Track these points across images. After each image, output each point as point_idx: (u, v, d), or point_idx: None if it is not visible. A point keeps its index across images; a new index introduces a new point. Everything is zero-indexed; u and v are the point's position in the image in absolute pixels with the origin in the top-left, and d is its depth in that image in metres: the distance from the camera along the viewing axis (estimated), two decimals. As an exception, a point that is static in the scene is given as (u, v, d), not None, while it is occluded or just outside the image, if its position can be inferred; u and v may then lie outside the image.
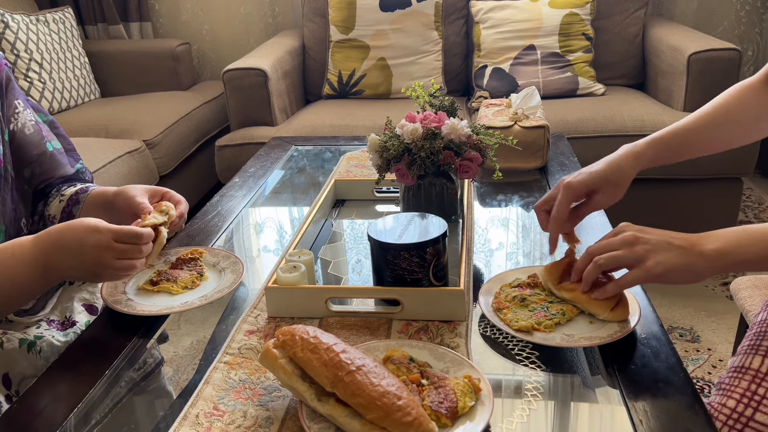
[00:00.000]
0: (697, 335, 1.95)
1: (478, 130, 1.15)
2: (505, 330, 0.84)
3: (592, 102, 2.36)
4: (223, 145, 2.34)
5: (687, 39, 2.32)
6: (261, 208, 1.35)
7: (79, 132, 2.43)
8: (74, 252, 0.86)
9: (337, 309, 0.91)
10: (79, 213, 1.06)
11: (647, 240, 0.79)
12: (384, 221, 0.95)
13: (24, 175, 1.06)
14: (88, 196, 1.08)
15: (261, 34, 3.21)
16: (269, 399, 0.75)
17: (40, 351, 0.93)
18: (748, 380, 0.85)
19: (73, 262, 0.86)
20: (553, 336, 0.82)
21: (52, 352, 0.94)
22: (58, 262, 0.86)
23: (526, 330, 0.83)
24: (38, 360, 0.92)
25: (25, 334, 0.93)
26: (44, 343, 0.94)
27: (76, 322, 1.01)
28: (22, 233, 1.04)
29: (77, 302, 1.04)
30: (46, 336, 0.95)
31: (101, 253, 0.85)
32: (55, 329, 0.98)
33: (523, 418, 0.71)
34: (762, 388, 0.84)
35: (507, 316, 0.86)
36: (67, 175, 1.11)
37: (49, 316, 1.00)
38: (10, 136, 1.02)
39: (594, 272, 0.82)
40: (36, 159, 1.06)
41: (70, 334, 0.98)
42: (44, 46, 2.60)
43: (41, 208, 1.10)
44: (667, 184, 2.23)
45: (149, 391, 0.80)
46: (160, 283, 0.98)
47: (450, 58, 2.73)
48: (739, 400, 0.84)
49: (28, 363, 0.92)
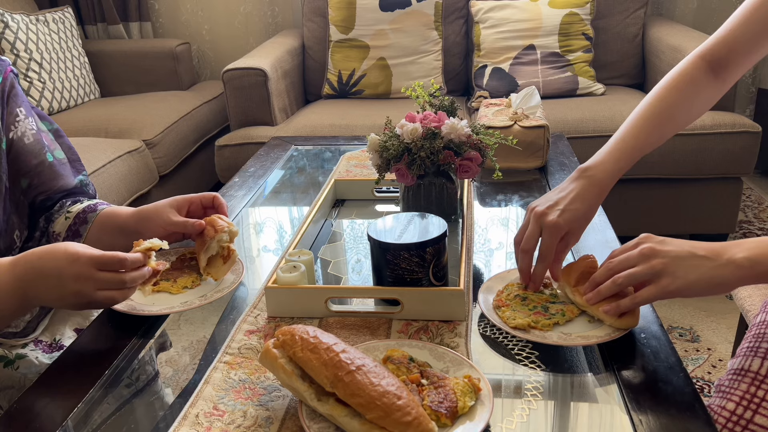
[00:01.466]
0: (697, 335, 1.95)
1: (477, 130, 1.15)
2: (502, 327, 0.84)
3: (592, 102, 2.36)
4: (223, 145, 2.34)
5: (687, 39, 2.33)
6: (261, 208, 1.35)
7: (78, 132, 2.43)
8: (53, 282, 0.80)
9: (336, 309, 0.91)
10: (87, 233, 1.02)
11: (666, 253, 0.75)
12: (384, 221, 0.95)
13: (21, 186, 1.02)
14: (98, 216, 1.04)
15: (261, 33, 3.21)
16: (269, 399, 0.75)
17: (17, 368, 0.92)
18: (748, 383, 0.85)
19: (52, 293, 0.81)
20: (549, 334, 0.82)
21: (30, 371, 0.93)
22: (37, 291, 0.81)
23: (522, 328, 0.83)
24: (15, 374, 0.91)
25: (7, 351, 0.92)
26: (23, 363, 0.93)
27: (64, 346, 0.99)
28: (15, 246, 1.01)
29: (69, 327, 1.03)
30: (29, 356, 0.93)
31: (82, 284, 0.80)
32: (40, 350, 0.96)
33: (523, 417, 0.71)
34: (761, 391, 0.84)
35: (505, 314, 0.86)
36: (67, 188, 1.07)
37: (40, 338, 0.98)
38: (8, 145, 0.99)
39: (611, 290, 0.80)
40: (34, 169, 1.02)
41: (54, 357, 0.95)
42: (44, 45, 2.60)
43: (43, 224, 1.06)
44: (666, 183, 2.23)
45: (149, 391, 0.80)
46: (160, 283, 0.98)
47: (450, 58, 2.73)
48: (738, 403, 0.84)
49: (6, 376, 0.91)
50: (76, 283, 0.80)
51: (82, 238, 1.02)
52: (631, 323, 0.81)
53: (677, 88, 0.96)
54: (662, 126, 0.95)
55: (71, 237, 1.02)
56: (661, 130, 0.95)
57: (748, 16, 0.92)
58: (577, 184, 0.90)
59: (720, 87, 0.98)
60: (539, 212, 0.89)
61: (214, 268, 0.98)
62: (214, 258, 0.99)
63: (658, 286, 0.75)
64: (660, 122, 0.95)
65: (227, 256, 0.99)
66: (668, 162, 2.18)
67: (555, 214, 0.88)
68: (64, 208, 1.06)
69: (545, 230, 0.88)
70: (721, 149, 2.15)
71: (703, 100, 0.98)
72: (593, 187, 0.90)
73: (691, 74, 0.96)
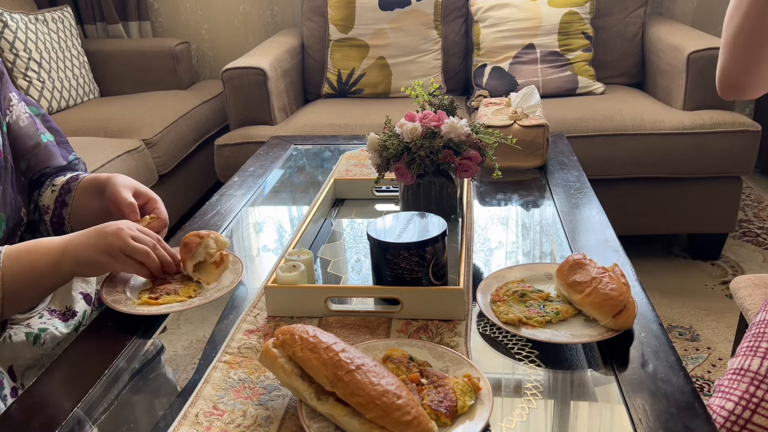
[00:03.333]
0: (697, 334, 1.95)
1: (477, 129, 1.15)
2: (494, 321, 0.84)
3: (592, 101, 2.36)
4: (223, 144, 2.34)
5: (686, 37, 2.32)
6: (260, 208, 1.35)
7: (78, 131, 2.43)
8: (93, 232, 0.90)
9: (336, 308, 0.91)
10: (72, 200, 1.07)
11: None
12: (383, 220, 0.95)
13: (21, 167, 1.06)
14: (80, 183, 1.08)
15: (260, 33, 3.21)
16: (269, 398, 0.75)
17: (43, 343, 0.94)
18: (747, 382, 0.85)
19: (91, 239, 0.90)
20: (540, 331, 0.82)
21: (54, 344, 0.95)
22: (77, 241, 0.90)
23: (513, 323, 0.84)
24: (39, 350, 0.93)
25: (29, 327, 0.94)
26: (47, 336, 0.94)
27: (77, 312, 1.02)
28: (22, 223, 1.05)
29: (75, 292, 1.05)
30: (49, 328, 0.95)
31: (120, 228, 0.90)
32: (57, 319, 0.99)
33: (523, 416, 0.71)
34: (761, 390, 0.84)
35: (500, 309, 0.86)
36: (60, 166, 1.12)
37: (51, 307, 1.01)
38: (7, 128, 1.03)
39: None
40: (31, 150, 1.07)
41: (71, 325, 0.99)
42: (43, 45, 2.60)
43: (36, 197, 1.10)
44: (666, 182, 2.23)
45: (149, 390, 0.80)
46: (161, 297, 0.94)
47: (449, 57, 2.73)
48: (737, 402, 0.84)
49: (31, 355, 0.93)
50: (115, 226, 0.91)
51: (68, 206, 1.07)
52: (625, 324, 0.81)
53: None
54: None
55: (59, 207, 1.07)
56: None
57: None
58: None
59: None
60: None
61: (204, 273, 0.98)
62: (204, 264, 0.99)
63: None
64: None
65: (220, 261, 0.99)
66: (668, 161, 2.18)
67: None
68: (51, 182, 1.10)
69: None
70: (721, 148, 2.15)
71: None
72: None
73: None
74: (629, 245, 1.15)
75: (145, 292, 0.96)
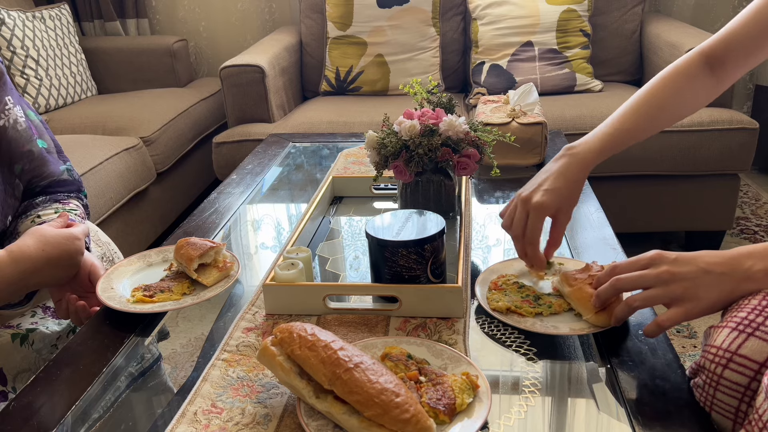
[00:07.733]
0: (694, 331, 1.95)
1: (475, 127, 1.15)
2: (484, 307, 0.87)
3: (590, 98, 2.36)
4: (221, 142, 2.33)
5: (684, 35, 2.33)
6: (258, 205, 1.35)
7: (75, 129, 2.42)
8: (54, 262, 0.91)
9: (335, 306, 0.91)
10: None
11: (684, 276, 0.73)
12: (382, 218, 0.95)
13: (15, 171, 1.05)
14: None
15: (258, 30, 3.20)
16: (267, 396, 0.75)
17: (32, 344, 0.93)
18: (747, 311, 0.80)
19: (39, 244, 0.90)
20: (526, 320, 0.84)
21: (44, 344, 0.94)
22: (26, 246, 0.90)
23: (501, 311, 0.85)
24: (31, 353, 0.92)
25: (17, 329, 0.93)
26: (36, 336, 0.94)
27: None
28: (8, 229, 1.04)
29: None
30: (39, 328, 0.95)
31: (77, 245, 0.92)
32: (50, 317, 0.98)
33: (521, 414, 0.71)
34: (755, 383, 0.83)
35: (493, 296, 0.88)
36: (55, 175, 1.10)
37: (45, 303, 1.00)
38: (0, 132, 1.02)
39: (626, 313, 0.79)
40: (27, 155, 1.06)
41: (63, 324, 0.99)
42: (40, 42, 2.59)
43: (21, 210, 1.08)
44: (664, 180, 2.23)
45: (147, 389, 0.80)
46: (155, 295, 0.94)
47: (447, 55, 2.72)
48: (734, 328, 0.79)
49: (22, 357, 0.92)
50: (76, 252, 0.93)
51: None
52: (605, 322, 0.81)
53: (671, 80, 0.97)
54: (652, 114, 0.96)
55: None
56: (650, 119, 0.96)
57: (750, 17, 0.92)
58: (560, 163, 0.93)
59: (716, 84, 0.98)
60: (524, 196, 0.92)
61: (205, 275, 0.98)
62: (208, 267, 0.99)
63: (681, 309, 0.73)
64: (649, 110, 0.96)
65: (222, 267, 0.99)
66: (665, 159, 2.18)
67: (539, 195, 0.90)
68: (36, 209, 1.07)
69: (531, 212, 0.90)
70: (719, 146, 2.15)
71: (697, 95, 0.98)
72: (575, 163, 0.92)
73: (687, 68, 0.97)
74: (627, 243, 1.15)
75: (139, 290, 0.96)
